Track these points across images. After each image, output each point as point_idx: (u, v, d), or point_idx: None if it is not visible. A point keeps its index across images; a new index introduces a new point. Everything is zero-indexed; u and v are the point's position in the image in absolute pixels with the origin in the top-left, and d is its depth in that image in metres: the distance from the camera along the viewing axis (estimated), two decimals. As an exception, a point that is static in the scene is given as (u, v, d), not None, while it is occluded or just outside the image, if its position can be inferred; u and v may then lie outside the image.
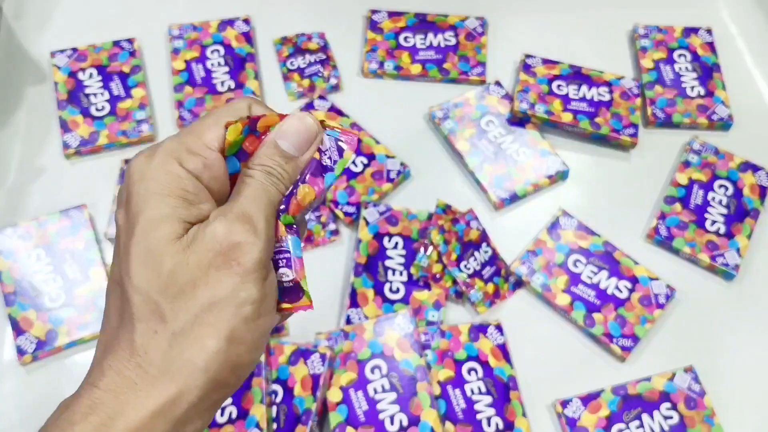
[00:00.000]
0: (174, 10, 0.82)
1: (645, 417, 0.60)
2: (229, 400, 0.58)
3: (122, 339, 0.28)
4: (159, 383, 0.27)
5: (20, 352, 0.62)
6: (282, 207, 0.32)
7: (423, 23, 0.81)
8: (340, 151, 0.33)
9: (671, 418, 0.60)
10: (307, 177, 0.32)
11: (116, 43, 0.78)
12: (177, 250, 0.28)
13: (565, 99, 0.75)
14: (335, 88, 0.77)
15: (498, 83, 0.77)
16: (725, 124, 0.76)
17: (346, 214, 0.70)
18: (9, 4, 0.80)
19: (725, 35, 0.83)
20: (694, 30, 0.81)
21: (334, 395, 0.58)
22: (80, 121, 0.74)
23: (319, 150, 0.32)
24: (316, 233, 0.69)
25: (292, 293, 0.31)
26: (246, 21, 0.81)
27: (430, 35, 0.80)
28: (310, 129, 0.32)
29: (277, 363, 0.60)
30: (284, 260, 0.31)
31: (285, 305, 0.31)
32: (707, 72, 0.78)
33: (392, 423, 0.57)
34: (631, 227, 0.70)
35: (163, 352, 0.28)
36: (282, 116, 0.32)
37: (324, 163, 0.33)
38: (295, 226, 0.32)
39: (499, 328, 0.64)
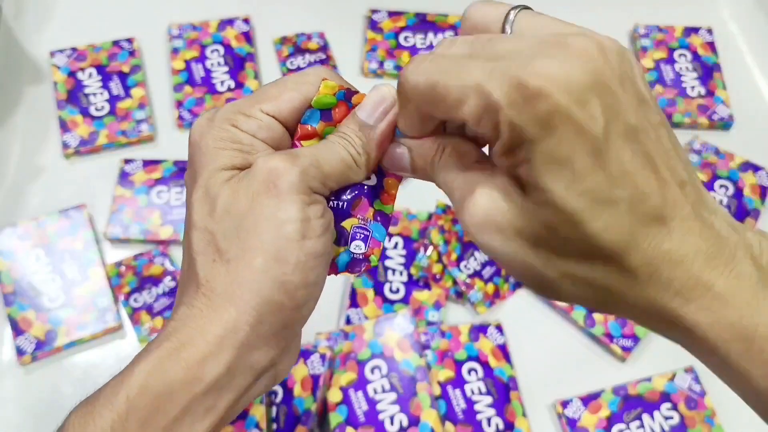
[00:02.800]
0: (173, 9, 0.82)
1: (645, 417, 0.60)
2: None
3: (189, 275, 0.31)
4: (220, 308, 0.29)
5: (19, 352, 0.61)
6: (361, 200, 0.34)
7: (423, 23, 0.81)
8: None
9: (672, 418, 0.60)
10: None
11: (116, 43, 0.78)
12: (230, 186, 0.30)
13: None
14: (335, 87, 0.77)
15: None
16: (726, 124, 0.76)
17: (345, 214, 0.69)
18: (8, 4, 0.80)
19: (726, 35, 0.83)
20: (695, 30, 0.81)
21: (334, 395, 0.58)
22: (80, 121, 0.74)
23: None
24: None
25: (356, 264, 0.34)
26: (246, 21, 0.80)
27: (430, 35, 0.80)
28: (385, 98, 0.32)
29: (276, 363, 0.59)
30: (362, 235, 0.34)
31: (348, 272, 0.34)
32: (708, 72, 0.78)
33: (392, 423, 0.57)
34: (632, 227, 0.70)
35: (222, 279, 0.29)
36: None
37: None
38: (388, 215, 0.34)
39: (499, 328, 0.64)
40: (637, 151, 0.26)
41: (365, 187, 0.34)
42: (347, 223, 0.34)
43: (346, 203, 0.34)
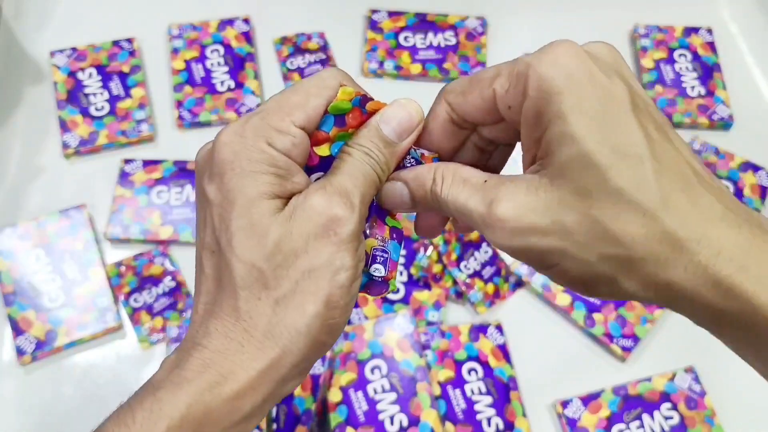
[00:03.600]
0: (173, 9, 0.82)
1: (645, 417, 0.60)
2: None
3: (224, 305, 0.30)
4: (264, 346, 0.29)
5: (20, 352, 0.61)
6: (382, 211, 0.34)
7: (423, 23, 0.81)
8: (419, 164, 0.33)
9: (672, 418, 0.60)
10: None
11: (116, 43, 0.78)
12: (280, 222, 0.30)
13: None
14: (335, 87, 0.77)
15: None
16: (726, 124, 0.76)
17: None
18: (8, 4, 0.80)
19: (725, 35, 0.83)
20: (695, 30, 0.81)
21: (334, 395, 0.58)
22: (80, 121, 0.74)
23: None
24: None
25: (377, 287, 0.34)
26: (246, 21, 0.80)
27: (430, 35, 0.80)
28: (413, 117, 0.32)
29: (276, 363, 0.59)
30: (382, 258, 0.34)
31: (365, 293, 0.34)
32: (708, 72, 0.78)
33: (392, 423, 0.57)
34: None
35: (267, 317, 0.29)
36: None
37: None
38: (400, 229, 0.34)
39: (499, 328, 0.64)
40: (652, 124, 0.27)
41: (374, 203, 0.33)
42: (367, 245, 0.33)
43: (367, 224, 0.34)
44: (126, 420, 0.28)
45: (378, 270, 0.34)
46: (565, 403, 0.61)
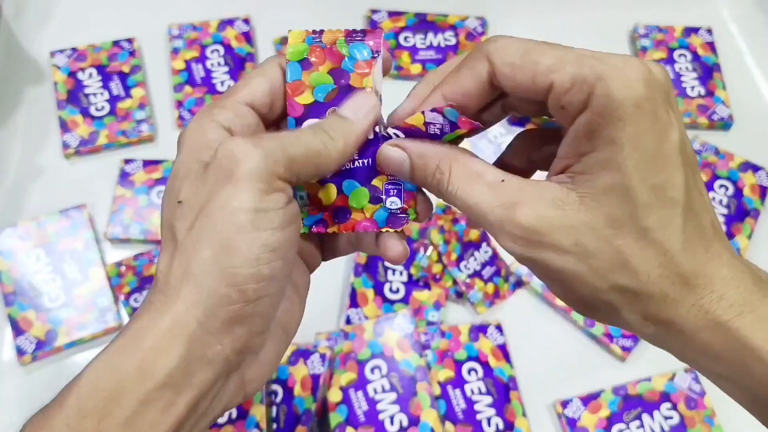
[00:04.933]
0: (174, 9, 0.82)
1: (645, 417, 0.60)
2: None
3: (155, 273, 0.30)
4: (170, 301, 0.28)
5: (20, 352, 0.62)
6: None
7: (423, 23, 0.81)
8: (453, 126, 0.32)
9: (671, 418, 0.60)
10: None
11: (116, 43, 0.78)
12: (192, 179, 0.30)
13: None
14: (335, 87, 0.77)
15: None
16: (725, 124, 0.76)
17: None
18: (8, 4, 0.80)
19: (725, 35, 0.83)
20: (695, 30, 0.81)
21: (334, 395, 0.58)
22: (80, 121, 0.74)
23: (426, 123, 0.32)
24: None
25: (397, 219, 0.33)
26: (246, 21, 0.81)
27: (430, 35, 0.80)
28: (369, 98, 0.33)
29: (276, 363, 0.59)
30: (395, 190, 0.33)
31: (387, 229, 0.34)
32: (707, 72, 0.78)
33: (392, 423, 0.57)
34: (632, 227, 0.70)
35: (175, 272, 0.28)
36: (347, 31, 0.34)
37: (431, 132, 0.32)
38: None
39: (499, 328, 0.64)
40: (690, 169, 0.27)
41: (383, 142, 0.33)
42: (378, 181, 0.33)
43: (371, 160, 0.33)
44: (46, 407, 0.29)
45: (394, 202, 0.33)
46: (564, 403, 0.61)
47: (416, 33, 0.80)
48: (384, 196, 0.33)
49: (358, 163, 0.33)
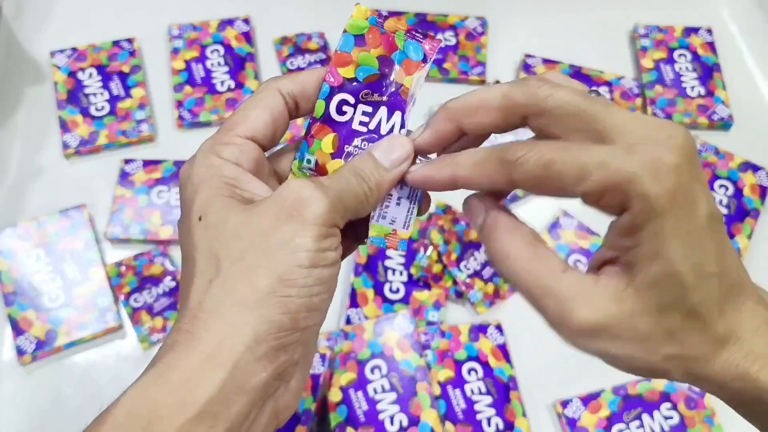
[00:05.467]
0: (173, 9, 0.82)
1: (645, 417, 0.60)
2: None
3: (182, 301, 0.30)
4: (210, 326, 0.28)
5: (20, 352, 0.62)
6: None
7: (423, 23, 0.81)
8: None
9: (671, 418, 0.60)
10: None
11: (116, 43, 0.78)
12: (239, 211, 0.30)
13: (565, 99, 0.74)
14: (335, 87, 0.77)
15: (498, 83, 0.77)
16: (725, 124, 0.76)
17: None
18: (9, 4, 0.80)
19: (725, 35, 0.83)
20: (695, 30, 0.81)
21: (334, 395, 0.58)
22: (80, 121, 0.74)
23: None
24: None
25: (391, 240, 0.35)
26: (246, 21, 0.80)
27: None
28: (405, 147, 0.33)
29: (276, 363, 0.59)
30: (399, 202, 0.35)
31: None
32: (707, 72, 0.78)
33: (392, 423, 0.57)
34: (632, 227, 0.70)
35: (215, 298, 0.28)
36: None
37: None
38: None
39: (499, 328, 0.64)
40: (719, 233, 0.29)
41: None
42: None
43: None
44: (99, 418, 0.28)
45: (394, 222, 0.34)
46: (564, 403, 0.61)
47: (416, 33, 0.80)
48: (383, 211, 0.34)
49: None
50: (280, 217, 0.29)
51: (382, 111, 0.34)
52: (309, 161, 0.34)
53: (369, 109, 0.34)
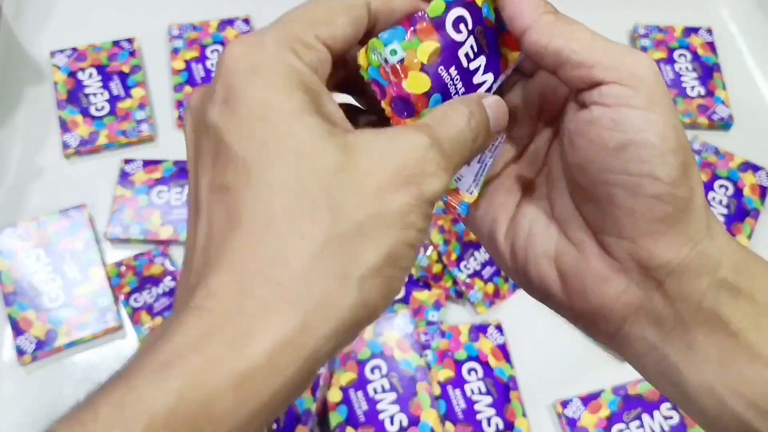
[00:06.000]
0: (173, 9, 0.82)
1: (645, 417, 0.60)
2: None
3: (241, 247, 0.22)
4: (298, 299, 0.22)
5: (20, 352, 0.62)
6: None
7: (423, 23, 0.81)
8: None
9: (671, 418, 0.60)
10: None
11: (116, 43, 0.78)
12: (341, 147, 0.23)
13: (565, 99, 0.75)
14: (335, 87, 0.77)
15: (498, 83, 0.77)
16: (725, 124, 0.76)
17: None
18: (8, 4, 0.80)
19: (725, 35, 0.83)
20: (695, 30, 0.81)
21: (334, 395, 0.58)
22: (80, 121, 0.74)
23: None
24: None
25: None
26: (246, 21, 0.80)
27: (430, 35, 0.80)
28: (504, 116, 0.29)
29: (276, 363, 0.59)
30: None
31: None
32: (707, 72, 0.78)
33: (392, 423, 0.57)
34: (632, 227, 0.70)
35: (308, 260, 0.22)
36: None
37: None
38: None
39: (499, 328, 0.64)
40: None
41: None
42: None
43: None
44: (84, 418, 0.21)
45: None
46: (564, 403, 0.61)
47: (416, 33, 0.80)
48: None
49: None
50: (395, 180, 0.23)
51: (482, 60, 0.29)
52: (394, 53, 0.27)
53: (476, 48, 0.28)
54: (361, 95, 0.31)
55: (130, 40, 0.79)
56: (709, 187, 0.71)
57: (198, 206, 0.24)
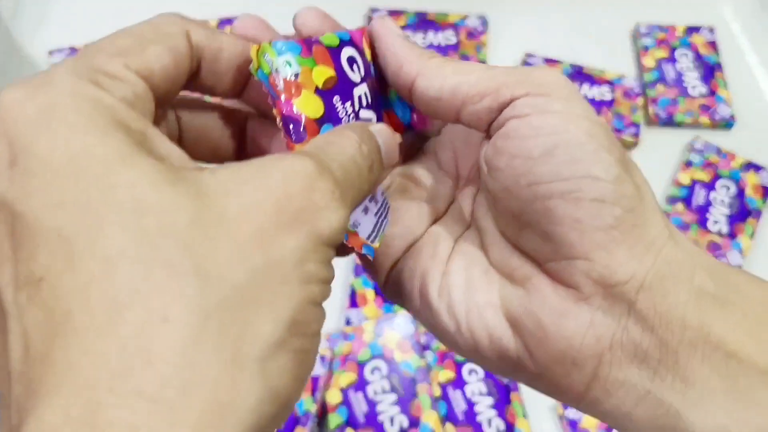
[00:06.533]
0: (172, 8, 0.81)
1: (647, 418, 0.59)
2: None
3: (73, 358, 0.16)
4: (174, 412, 0.15)
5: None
6: None
7: (423, 22, 0.81)
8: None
9: (673, 419, 0.59)
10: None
11: (114, 42, 0.78)
12: (193, 191, 0.18)
13: (567, 98, 0.74)
14: (335, 87, 0.77)
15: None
16: (727, 124, 0.75)
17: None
18: (6, 4, 0.80)
19: (727, 34, 0.82)
20: (696, 29, 0.80)
21: (334, 397, 0.58)
22: (78, 121, 0.73)
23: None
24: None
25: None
26: (245, 20, 0.80)
27: (431, 34, 0.80)
28: (395, 150, 0.26)
29: (276, 364, 0.59)
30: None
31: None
32: (709, 71, 0.78)
33: (392, 424, 0.57)
34: (633, 227, 0.70)
35: (180, 352, 0.16)
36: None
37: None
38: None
39: (499, 328, 0.63)
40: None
41: None
42: None
43: None
44: None
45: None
46: (566, 404, 0.60)
47: (416, 32, 0.80)
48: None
49: None
50: (279, 219, 0.18)
51: (373, 115, 0.27)
52: (289, 64, 0.24)
53: (369, 98, 0.27)
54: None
55: (128, 39, 0.78)
56: (710, 187, 0.71)
57: (3, 315, 0.17)
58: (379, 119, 0.27)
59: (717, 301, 0.23)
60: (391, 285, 0.28)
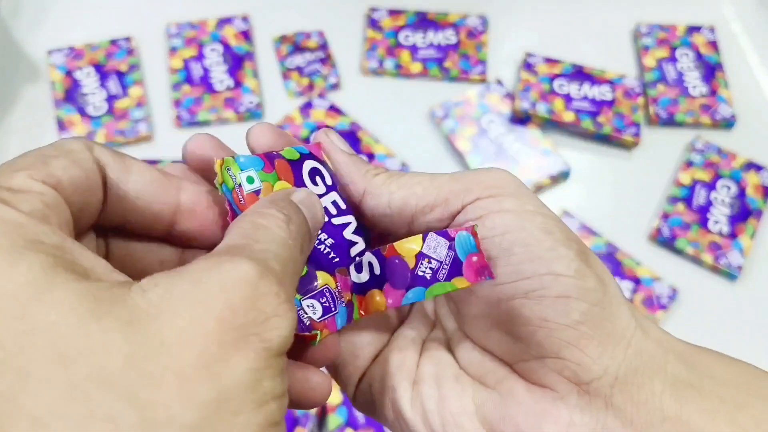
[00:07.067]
0: (171, 8, 0.81)
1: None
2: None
3: None
4: None
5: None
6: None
7: (423, 21, 0.80)
8: (455, 266, 0.24)
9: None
10: (386, 284, 0.25)
11: (113, 42, 0.78)
12: (122, 322, 0.16)
13: (567, 98, 0.74)
14: (335, 86, 0.77)
15: (499, 82, 0.76)
16: (728, 123, 0.75)
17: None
18: (5, 3, 0.80)
19: (728, 34, 0.82)
20: (697, 28, 0.80)
21: (333, 397, 0.58)
22: (77, 121, 0.73)
23: (421, 254, 0.24)
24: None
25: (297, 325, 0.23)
26: (244, 19, 0.80)
27: (431, 33, 0.80)
28: (320, 217, 0.24)
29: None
30: (326, 305, 0.24)
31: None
32: (710, 71, 0.77)
33: (392, 426, 0.57)
34: (634, 227, 0.70)
35: None
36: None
37: (419, 273, 0.24)
38: (352, 314, 0.25)
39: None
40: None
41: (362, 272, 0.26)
42: (322, 276, 0.24)
43: (334, 254, 0.25)
44: None
45: (312, 308, 0.23)
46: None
47: (416, 31, 0.80)
48: (311, 294, 0.24)
49: (319, 246, 0.25)
50: (224, 339, 0.16)
51: (351, 219, 0.26)
52: (251, 180, 0.24)
53: (342, 205, 0.26)
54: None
55: (127, 39, 0.78)
56: (711, 187, 0.70)
57: None
58: (360, 222, 0.26)
59: (693, 388, 0.22)
60: (361, 396, 0.27)
